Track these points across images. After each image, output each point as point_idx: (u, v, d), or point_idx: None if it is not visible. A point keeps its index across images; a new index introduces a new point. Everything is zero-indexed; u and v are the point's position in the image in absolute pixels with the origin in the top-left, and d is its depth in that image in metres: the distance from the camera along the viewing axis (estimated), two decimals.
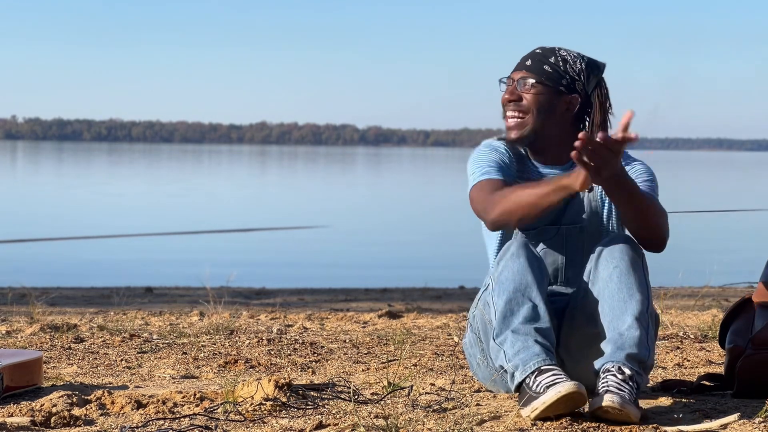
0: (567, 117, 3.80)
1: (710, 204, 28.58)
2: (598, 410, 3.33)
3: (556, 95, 3.78)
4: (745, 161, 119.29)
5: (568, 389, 3.30)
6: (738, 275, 10.61)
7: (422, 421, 3.41)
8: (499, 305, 3.55)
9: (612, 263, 3.57)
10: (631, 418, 3.31)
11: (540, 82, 3.78)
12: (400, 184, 42.44)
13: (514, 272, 3.56)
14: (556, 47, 3.84)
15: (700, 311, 7.16)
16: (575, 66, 3.78)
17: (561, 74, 3.77)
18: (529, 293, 3.54)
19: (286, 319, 6.50)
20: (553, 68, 3.78)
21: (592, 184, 3.64)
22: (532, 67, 3.80)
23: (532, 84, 3.78)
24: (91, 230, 18.73)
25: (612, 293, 3.54)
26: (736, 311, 4.06)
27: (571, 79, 3.77)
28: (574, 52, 3.83)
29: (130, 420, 3.47)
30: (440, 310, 8.17)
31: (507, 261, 3.60)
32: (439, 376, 4.34)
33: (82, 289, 10.56)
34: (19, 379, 3.88)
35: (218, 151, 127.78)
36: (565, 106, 3.79)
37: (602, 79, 3.83)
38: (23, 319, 6.16)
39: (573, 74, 3.77)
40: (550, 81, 3.78)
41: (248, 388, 3.74)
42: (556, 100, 3.78)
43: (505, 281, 3.56)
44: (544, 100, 3.78)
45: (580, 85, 3.78)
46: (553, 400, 3.31)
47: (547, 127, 3.79)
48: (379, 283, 11.65)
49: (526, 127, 3.80)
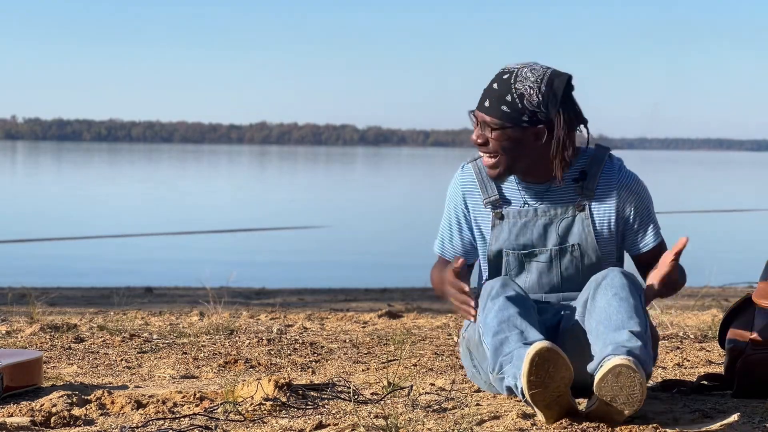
0: (538, 145, 3.77)
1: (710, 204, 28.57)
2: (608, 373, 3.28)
3: (521, 131, 3.75)
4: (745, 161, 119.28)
5: (535, 347, 3.29)
6: (738, 275, 10.61)
7: (422, 421, 3.41)
8: (489, 342, 3.55)
9: (611, 291, 3.57)
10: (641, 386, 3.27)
11: (500, 126, 3.75)
12: (400, 184, 42.44)
13: (497, 310, 3.57)
14: (510, 75, 3.75)
15: (700, 311, 7.16)
16: (532, 99, 3.72)
17: (520, 111, 3.72)
18: (514, 321, 3.53)
19: (286, 319, 6.50)
20: (510, 107, 3.73)
21: (584, 203, 3.76)
22: (491, 109, 3.75)
23: (493, 129, 3.76)
24: (91, 230, 18.73)
25: (609, 315, 3.52)
26: (736, 311, 4.06)
27: (531, 112, 3.72)
28: (529, 74, 3.74)
29: (130, 420, 3.47)
30: (440, 310, 8.17)
31: (489, 302, 3.62)
32: (439, 376, 4.34)
33: (82, 289, 10.57)
34: (19, 379, 3.88)
35: (218, 152, 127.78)
36: (533, 137, 3.76)
37: (564, 101, 3.76)
38: (23, 319, 6.16)
39: (532, 108, 3.72)
40: (511, 121, 3.73)
41: (248, 388, 3.75)
42: (521, 135, 3.75)
43: (491, 321, 3.57)
44: (508, 141, 3.75)
45: (542, 115, 3.73)
46: (526, 366, 3.28)
47: (519, 160, 3.78)
48: (379, 283, 11.65)
49: (499, 167, 3.79)
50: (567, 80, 3.76)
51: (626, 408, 3.30)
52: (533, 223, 3.84)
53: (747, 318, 3.99)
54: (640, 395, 3.29)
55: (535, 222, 3.84)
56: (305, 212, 25.27)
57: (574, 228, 3.83)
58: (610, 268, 3.68)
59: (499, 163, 3.78)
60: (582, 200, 3.83)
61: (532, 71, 3.74)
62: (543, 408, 3.34)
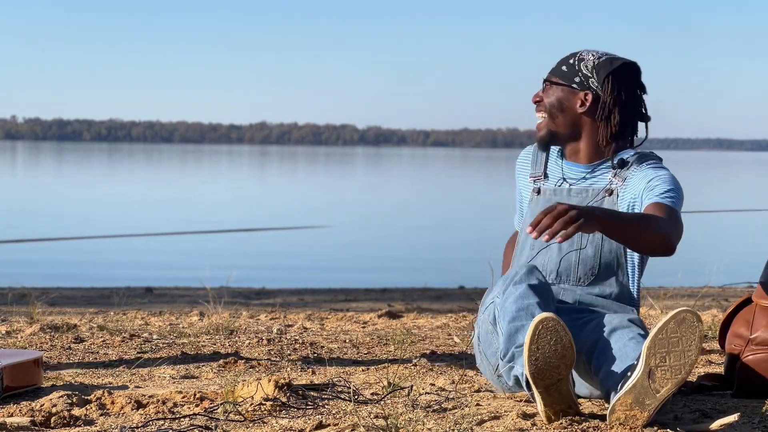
0: (581, 113, 3.90)
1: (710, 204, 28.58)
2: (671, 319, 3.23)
3: (570, 93, 3.92)
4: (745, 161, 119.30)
5: (533, 321, 3.28)
6: (738, 275, 10.61)
7: (422, 421, 3.41)
8: (504, 327, 3.57)
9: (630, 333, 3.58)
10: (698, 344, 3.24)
11: (554, 82, 3.93)
12: (400, 185, 42.44)
13: (516, 297, 3.59)
14: (586, 50, 3.96)
15: (700, 311, 7.16)
16: (588, 64, 3.89)
17: (574, 72, 3.90)
18: (533, 311, 3.54)
19: (286, 319, 6.50)
20: (568, 68, 3.92)
21: (613, 188, 3.80)
22: (554, 69, 3.97)
23: (548, 85, 3.95)
24: (91, 230, 18.73)
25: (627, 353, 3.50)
26: (736, 311, 4.06)
27: (583, 76, 3.90)
28: (601, 52, 3.94)
29: (130, 420, 3.47)
30: (440, 310, 8.17)
31: (512, 287, 3.63)
32: (439, 376, 4.34)
33: (82, 289, 10.57)
34: (19, 379, 3.88)
35: (218, 151, 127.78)
36: (579, 102, 3.90)
37: (619, 75, 3.88)
38: (23, 319, 6.16)
39: (585, 71, 3.89)
40: (564, 80, 3.92)
41: (248, 388, 3.75)
42: (568, 97, 3.92)
43: (509, 306, 3.59)
44: (556, 99, 3.93)
45: (593, 82, 3.89)
46: (529, 335, 3.28)
47: (562, 125, 3.93)
48: (379, 283, 11.65)
49: (543, 128, 3.96)
50: (629, 63, 3.91)
51: (671, 377, 3.24)
52: (564, 201, 3.89)
53: (747, 318, 3.99)
54: (694, 355, 3.25)
55: (566, 201, 3.89)
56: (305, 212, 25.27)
57: None
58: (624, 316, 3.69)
59: (544, 124, 3.94)
60: (612, 185, 3.87)
61: (606, 52, 3.94)
62: (542, 392, 3.32)
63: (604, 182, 3.90)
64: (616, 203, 3.86)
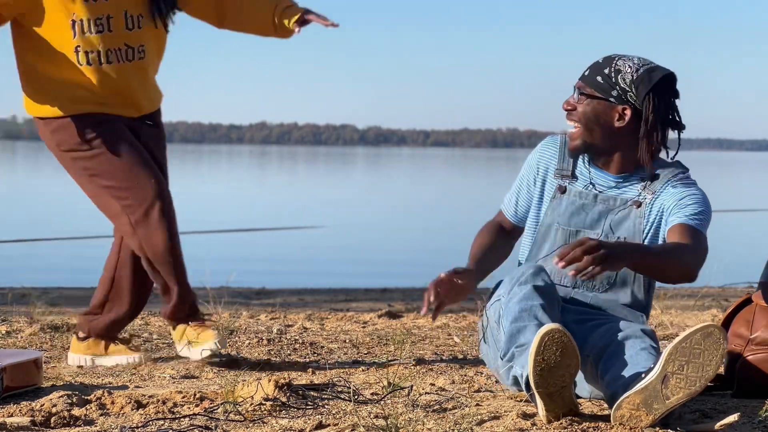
0: (619, 126, 3.81)
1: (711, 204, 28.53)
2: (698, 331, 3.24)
3: (606, 106, 3.81)
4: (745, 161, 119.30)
5: (540, 332, 3.27)
6: (738, 275, 10.60)
7: (422, 421, 3.41)
8: (507, 327, 3.56)
9: (643, 344, 3.57)
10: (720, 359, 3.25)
11: (589, 94, 3.82)
12: (400, 185, 42.42)
13: (521, 297, 3.58)
14: (617, 56, 3.83)
15: (700, 311, 7.16)
16: (626, 77, 3.77)
17: (611, 85, 3.79)
18: (535, 312, 3.53)
19: (286, 319, 6.50)
20: (604, 79, 3.80)
21: (641, 201, 3.78)
22: (587, 77, 3.84)
23: (582, 95, 3.83)
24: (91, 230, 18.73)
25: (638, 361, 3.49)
26: (736, 311, 4.06)
27: (621, 90, 3.78)
28: (636, 60, 3.81)
29: (130, 420, 3.47)
30: None
31: (516, 287, 3.62)
32: (439, 376, 4.34)
33: (82, 289, 10.54)
34: (19, 379, 3.88)
35: (218, 151, 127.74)
36: (616, 116, 3.81)
37: (660, 89, 3.79)
38: (23, 319, 6.15)
39: (624, 85, 3.77)
40: (600, 92, 3.81)
41: (248, 388, 3.75)
42: (605, 110, 3.81)
43: (512, 307, 3.58)
44: (591, 111, 3.82)
45: (632, 96, 3.78)
46: (535, 345, 3.27)
47: (598, 138, 3.83)
48: (379, 283, 11.63)
49: (578, 138, 3.86)
50: (667, 75, 3.80)
51: (684, 387, 3.25)
52: (590, 207, 3.86)
53: (747, 318, 3.99)
54: (712, 371, 3.25)
55: (592, 206, 3.86)
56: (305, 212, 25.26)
57: (626, 222, 3.83)
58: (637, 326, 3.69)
59: (578, 134, 3.84)
60: (641, 197, 3.83)
61: (639, 59, 3.82)
62: (545, 397, 3.31)
63: (633, 193, 3.86)
64: (644, 216, 3.83)
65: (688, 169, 3.92)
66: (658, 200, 3.83)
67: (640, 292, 3.87)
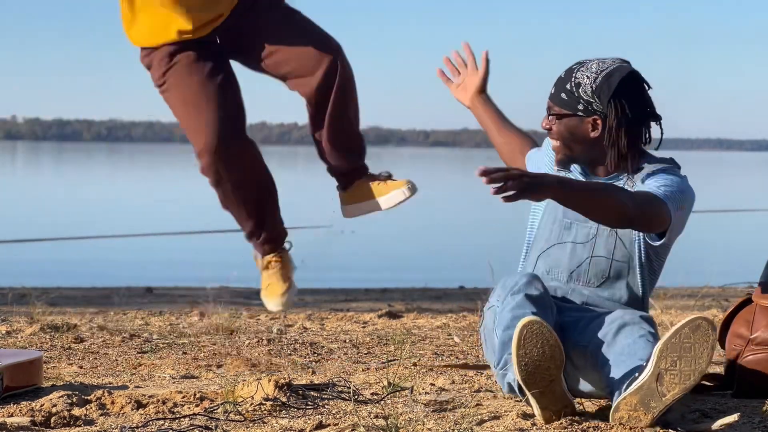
0: (594, 136, 3.81)
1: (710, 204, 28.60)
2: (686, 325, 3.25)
3: (577, 120, 3.81)
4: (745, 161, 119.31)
5: (518, 326, 3.29)
6: (738, 275, 10.60)
7: (422, 421, 3.41)
8: (500, 334, 3.57)
9: (641, 330, 3.57)
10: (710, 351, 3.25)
11: (558, 113, 3.83)
12: None
13: (513, 306, 3.58)
14: (577, 66, 3.82)
15: (700, 311, 7.16)
16: (587, 89, 3.77)
17: (576, 100, 3.79)
18: None
19: (286, 319, 6.50)
20: (568, 95, 3.80)
21: None
22: (554, 96, 3.85)
23: (552, 115, 3.85)
24: (91, 230, 18.72)
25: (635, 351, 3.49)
26: (736, 311, 4.06)
27: (586, 102, 3.78)
28: (594, 67, 3.79)
29: (130, 420, 3.47)
30: (440, 310, 8.16)
31: (509, 297, 3.62)
32: (439, 376, 4.34)
33: (82, 289, 10.55)
34: (19, 379, 3.88)
35: None
36: (589, 127, 3.81)
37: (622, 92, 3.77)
38: (23, 319, 6.15)
39: (586, 97, 3.77)
40: (568, 108, 3.81)
41: (248, 388, 3.75)
42: (577, 124, 3.81)
43: (506, 315, 3.58)
44: (565, 129, 3.83)
45: (597, 106, 3.78)
46: (515, 339, 3.29)
47: (579, 151, 3.84)
48: (379, 283, 11.63)
49: (560, 153, 3.87)
50: (626, 73, 3.77)
51: (679, 382, 3.25)
52: None
53: (747, 318, 3.99)
54: (705, 363, 3.26)
55: None
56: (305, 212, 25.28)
57: None
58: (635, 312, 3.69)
59: (560, 150, 3.86)
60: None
61: (599, 63, 3.80)
62: (537, 395, 3.32)
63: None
64: None
65: (679, 166, 3.90)
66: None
67: (637, 286, 3.86)
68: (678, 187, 3.73)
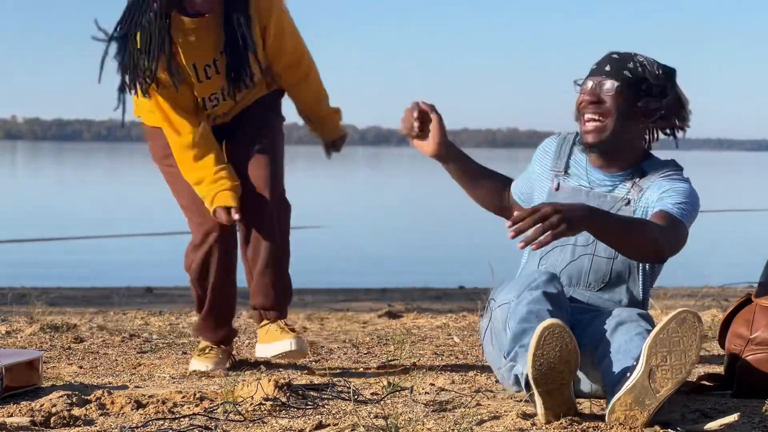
0: (643, 122, 3.83)
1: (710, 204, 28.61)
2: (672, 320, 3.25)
3: (636, 99, 3.80)
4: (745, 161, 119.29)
5: (539, 327, 3.26)
6: (738, 275, 10.59)
7: (422, 421, 3.41)
8: (513, 327, 3.55)
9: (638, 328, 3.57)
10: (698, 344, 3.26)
11: (620, 86, 3.79)
12: (400, 185, 42.40)
13: (529, 301, 3.56)
14: (632, 53, 3.83)
15: (700, 311, 7.15)
16: (653, 71, 3.79)
17: (640, 79, 3.79)
18: (543, 315, 3.50)
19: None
20: (632, 73, 3.79)
21: (629, 198, 3.77)
22: (612, 71, 3.80)
23: (613, 87, 3.79)
24: (91, 230, 18.72)
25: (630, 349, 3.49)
26: (736, 311, 4.06)
27: (649, 85, 3.79)
28: (650, 57, 3.83)
29: (130, 420, 3.47)
30: (440, 310, 8.16)
31: (527, 292, 3.59)
32: (439, 376, 4.34)
33: (82, 289, 10.55)
34: (19, 379, 3.88)
35: None
36: (643, 111, 3.81)
37: (677, 85, 3.85)
38: (23, 319, 6.15)
39: (652, 79, 3.78)
40: (631, 85, 3.79)
41: (248, 388, 3.75)
42: (635, 104, 3.80)
43: (521, 309, 3.56)
44: (624, 103, 3.79)
45: (657, 90, 3.79)
46: (535, 339, 3.26)
47: (624, 131, 3.81)
48: (379, 283, 11.63)
49: (606, 131, 3.81)
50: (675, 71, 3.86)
51: (671, 377, 3.25)
52: (582, 202, 3.77)
53: (747, 318, 3.99)
54: (694, 355, 3.26)
55: (585, 202, 3.77)
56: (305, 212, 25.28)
57: None
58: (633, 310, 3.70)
59: (606, 127, 3.79)
60: (630, 195, 3.82)
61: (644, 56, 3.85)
62: (544, 395, 3.31)
63: (623, 192, 3.85)
64: (632, 213, 3.82)
65: (681, 168, 3.91)
66: (644, 197, 3.82)
67: (638, 289, 3.87)
68: (691, 201, 3.75)
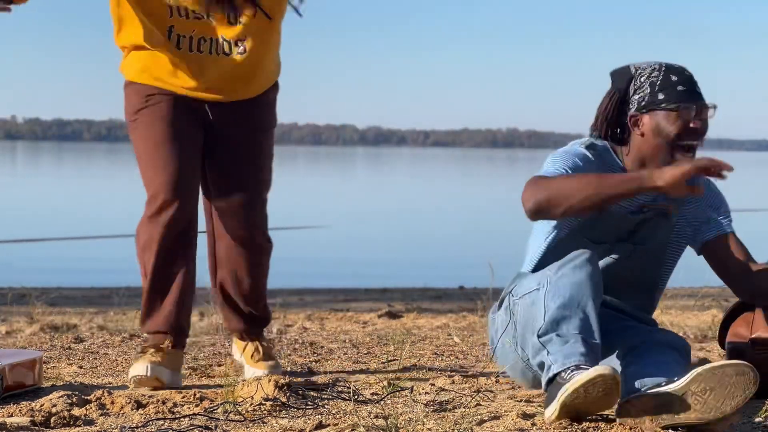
0: None
1: None
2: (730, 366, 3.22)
3: None
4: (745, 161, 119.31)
5: (597, 370, 3.18)
6: None
7: (422, 421, 3.41)
8: (551, 308, 3.39)
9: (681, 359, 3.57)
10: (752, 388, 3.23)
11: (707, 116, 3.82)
12: (400, 185, 42.43)
13: (573, 282, 3.42)
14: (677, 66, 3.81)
15: (700, 311, 7.15)
16: None
17: None
18: (584, 305, 3.39)
19: (286, 319, 6.50)
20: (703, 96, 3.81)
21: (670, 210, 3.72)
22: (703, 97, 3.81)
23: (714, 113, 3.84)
24: (91, 230, 18.73)
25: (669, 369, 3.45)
26: (735, 311, 4.06)
27: None
28: None
29: (130, 420, 3.47)
30: (440, 310, 8.17)
31: (570, 269, 3.44)
32: (439, 376, 4.34)
33: (82, 289, 10.56)
34: (19, 379, 3.88)
35: None
36: None
37: None
38: (23, 319, 6.16)
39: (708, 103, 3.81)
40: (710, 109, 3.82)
41: (248, 388, 3.75)
42: None
43: (562, 287, 3.41)
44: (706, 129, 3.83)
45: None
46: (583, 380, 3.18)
47: None
48: (379, 283, 11.63)
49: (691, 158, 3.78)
50: None
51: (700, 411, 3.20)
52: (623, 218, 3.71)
53: (747, 318, 3.99)
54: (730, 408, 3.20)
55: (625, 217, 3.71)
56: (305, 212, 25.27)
57: (657, 231, 3.75)
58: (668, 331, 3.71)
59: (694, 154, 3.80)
60: (670, 205, 3.75)
61: None
62: (562, 408, 3.27)
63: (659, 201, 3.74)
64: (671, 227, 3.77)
65: None
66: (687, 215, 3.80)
67: (657, 296, 3.88)
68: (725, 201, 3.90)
